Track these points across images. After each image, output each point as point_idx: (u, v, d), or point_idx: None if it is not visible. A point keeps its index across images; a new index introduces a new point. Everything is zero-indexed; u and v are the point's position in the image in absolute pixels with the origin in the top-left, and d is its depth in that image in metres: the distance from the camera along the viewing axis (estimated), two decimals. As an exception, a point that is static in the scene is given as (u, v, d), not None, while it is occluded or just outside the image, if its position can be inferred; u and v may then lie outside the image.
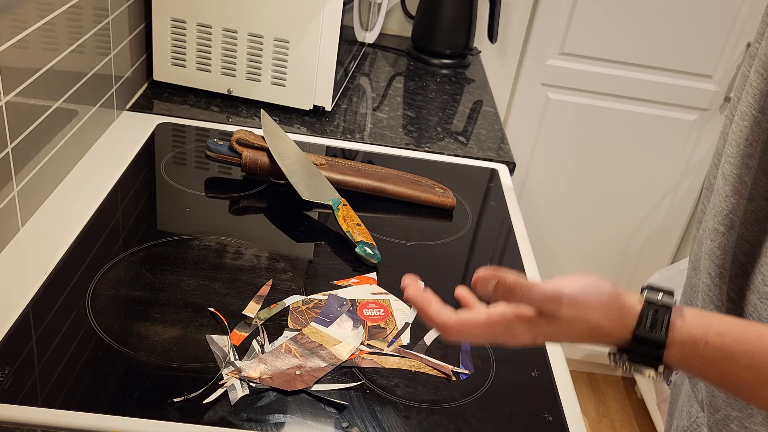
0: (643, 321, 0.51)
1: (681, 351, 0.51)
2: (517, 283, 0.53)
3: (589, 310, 0.52)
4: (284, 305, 0.81)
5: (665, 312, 0.52)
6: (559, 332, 0.53)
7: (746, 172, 0.61)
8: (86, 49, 0.99)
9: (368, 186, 1.04)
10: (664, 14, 1.73)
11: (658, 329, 0.51)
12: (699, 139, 1.90)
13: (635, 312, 0.52)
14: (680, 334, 0.51)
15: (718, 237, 0.63)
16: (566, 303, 0.52)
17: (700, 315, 0.52)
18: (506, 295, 0.53)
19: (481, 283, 0.54)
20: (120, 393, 0.67)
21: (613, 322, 0.52)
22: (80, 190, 0.97)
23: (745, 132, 0.60)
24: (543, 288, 0.53)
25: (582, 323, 0.52)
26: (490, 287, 0.54)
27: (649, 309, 0.52)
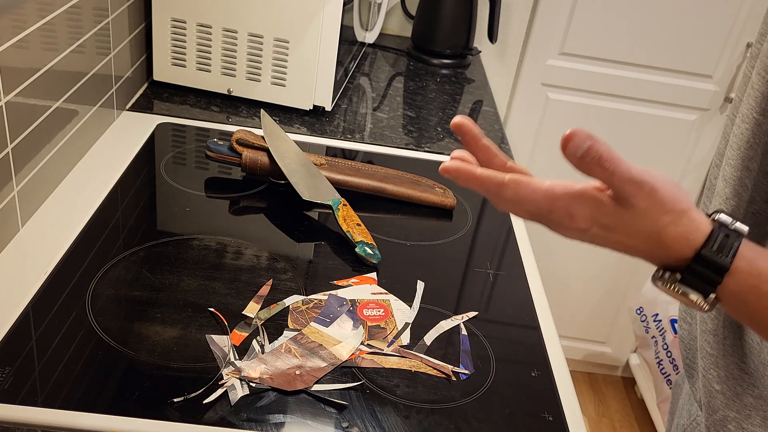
0: (712, 241, 0.48)
1: (741, 282, 0.48)
2: (609, 153, 0.49)
3: (662, 209, 0.49)
4: (284, 305, 0.81)
5: (736, 237, 0.49)
6: (621, 225, 0.49)
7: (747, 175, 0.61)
8: (86, 49, 0.99)
9: (368, 186, 1.04)
10: (664, 14, 1.73)
11: (725, 253, 0.48)
12: (699, 139, 1.90)
13: (705, 230, 0.49)
14: (747, 264, 0.48)
15: None
16: (647, 191, 0.49)
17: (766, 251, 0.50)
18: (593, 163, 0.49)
19: (575, 140, 0.49)
20: (120, 393, 0.67)
21: (679, 234, 0.49)
22: (80, 190, 0.97)
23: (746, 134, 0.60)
24: (630, 168, 0.49)
25: (650, 221, 0.49)
26: (581, 150, 0.49)
27: (720, 231, 0.49)
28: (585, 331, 2.24)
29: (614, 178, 0.49)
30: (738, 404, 0.63)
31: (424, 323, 0.82)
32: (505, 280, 0.93)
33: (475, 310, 0.86)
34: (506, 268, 0.95)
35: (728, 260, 0.48)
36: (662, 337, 1.93)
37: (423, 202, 1.05)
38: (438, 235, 1.00)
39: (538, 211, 0.51)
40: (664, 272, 0.51)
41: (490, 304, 0.88)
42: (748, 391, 0.62)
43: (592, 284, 2.14)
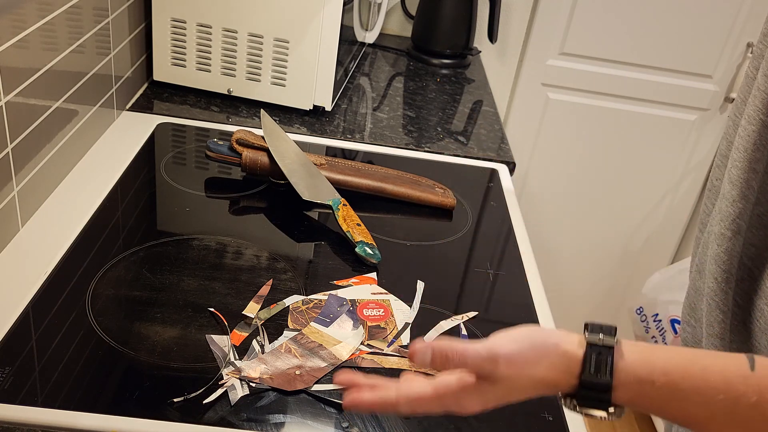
0: (587, 366, 0.50)
1: (628, 392, 0.50)
2: (452, 349, 0.52)
3: (529, 364, 0.51)
4: (284, 305, 0.81)
5: (608, 353, 0.50)
6: (505, 393, 0.52)
7: (753, 177, 0.61)
8: (86, 49, 0.99)
9: (368, 186, 1.04)
10: (664, 14, 1.73)
11: (602, 373, 0.50)
12: (699, 139, 1.90)
13: (578, 357, 0.51)
14: (625, 376, 0.50)
15: (725, 242, 0.63)
16: (503, 363, 0.51)
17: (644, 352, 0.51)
18: (444, 363, 0.53)
19: (417, 355, 0.54)
20: (120, 393, 0.67)
21: (558, 372, 0.51)
22: (80, 190, 0.97)
23: (753, 136, 0.60)
24: (477, 350, 0.52)
25: (525, 379, 0.51)
26: (427, 358, 0.53)
27: (591, 352, 0.51)
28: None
29: (468, 366, 0.52)
30: None
31: (424, 323, 0.82)
32: (505, 280, 0.93)
33: (475, 310, 0.86)
34: (506, 268, 0.95)
35: (608, 378, 0.50)
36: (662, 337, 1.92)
37: (423, 202, 1.05)
38: (438, 235, 1.00)
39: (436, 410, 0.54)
40: (565, 399, 0.53)
41: (490, 304, 0.88)
42: None
43: (592, 284, 2.14)
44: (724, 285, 0.63)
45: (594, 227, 2.04)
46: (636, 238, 2.06)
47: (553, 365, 0.51)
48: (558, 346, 0.52)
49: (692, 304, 0.72)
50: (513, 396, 0.53)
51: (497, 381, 0.52)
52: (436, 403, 0.54)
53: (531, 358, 0.51)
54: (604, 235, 2.05)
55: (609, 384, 0.50)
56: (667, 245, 2.08)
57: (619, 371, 0.50)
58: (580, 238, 2.06)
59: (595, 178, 1.96)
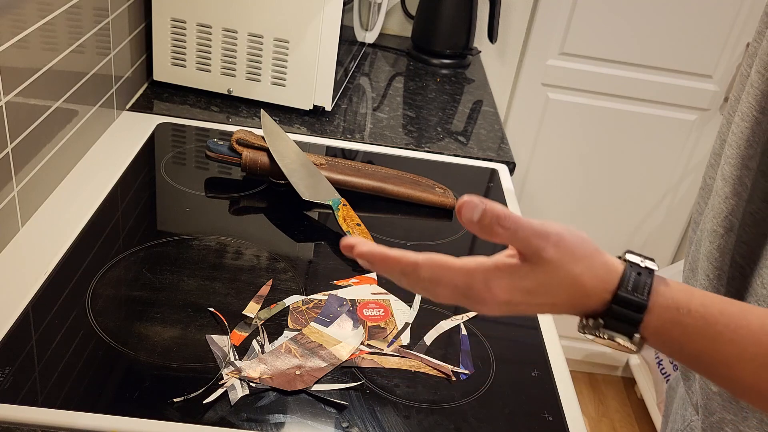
0: (626, 281, 0.48)
1: (662, 317, 0.48)
2: (505, 212, 0.48)
3: (573, 258, 0.49)
4: (284, 305, 0.81)
5: (648, 275, 0.49)
6: (539, 285, 0.49)
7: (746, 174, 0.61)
8: (86, 49, 0.99)
9: (368, 186, 1.04)
10: (664, 14, 1.73)
11: (640, 291, 0.48)
12: (699, 139, 1.90)
13: (618, 271, 0.49)
14: (663, 299, 0.48)
15: (717, 239, 0.63)
16: (553, 242, 0.48)
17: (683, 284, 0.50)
18: (492, 225, 0.48)
19: (466, 208, 0.48)
20: (120, 393, 0.67)
21: (595, 278, 0.49)
22: (80, 190, 0.97)
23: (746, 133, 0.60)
24: (531, 223, 0.48)
25: (564, 272, 0.48)
26: (477, 214, 0.48)
27: (631, 270, 0.49)
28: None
29: (518, 235, 0.48)
30: (735, 407, 0.63)
31: (424, 323, 0.82)
32: (505, 280, 0.93)
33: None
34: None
35: (645, 298, 0.48)
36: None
37: (423, 202, 1.05)
38: (438, 235, 1.00)
39: (456, 289, 0.50)
40: (587, 320, 0.50)
41: (490, 304, 0.88)
42: None
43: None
44: (716, 282, 0.63)
45: (594, 227, 2.04)
46: (636, 238, 2.06)
47: (593, 268, 0.49)
48: (601, 254, 0.50)
49: None
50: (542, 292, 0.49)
51: (538, 263, 0.49)
52: (462, 277, 0.49)
53: (577, 249, 0.49)
54: (604, 235, 2.05)
55: (644, 304, 0.48)
56: (667, 245, 2.08)
57: (657, 293, 0.48)
58: (580, 238, 2.05)
59: (595, 178, 1.96)
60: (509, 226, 0.48)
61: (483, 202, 0.48)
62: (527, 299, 0.50)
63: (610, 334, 0.49)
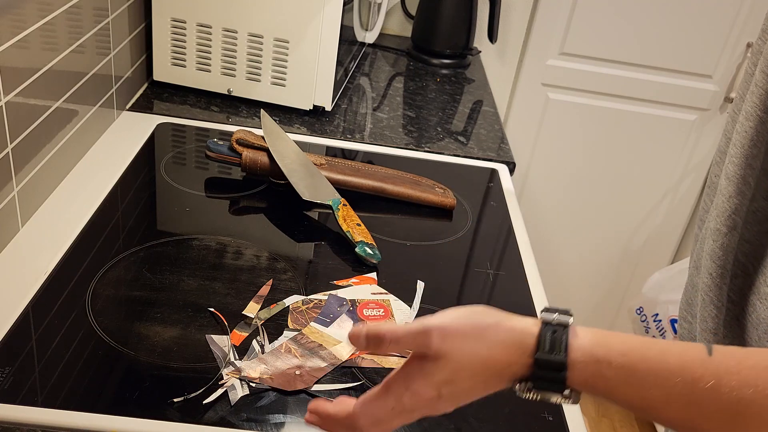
0: (542, 343, 0.49)
1: (584, 372, 0.49)
2: (385, 329, 0.51)
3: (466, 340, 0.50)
4: (284, 305, 0.81)
5: (562, 331, 0.49)
6: (451, 373, 0.50)
7: (750, 173, 0.61)
8: (86, 49, 0.99)
9: (368, 186, 1.04)
10: (664, 14, 1.73)
11: (557, 351, 0.49)
12: (699, 139, 1.90)
13: (533, 333, 0.50)
14: (581, 355, 0.49)
15: (720, 237, 0.63)
16: (436, 335, 0.50)
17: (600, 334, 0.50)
18: (378, 344, 0.52)
19: (353, 339, 0.53)
20: (120, 393, 0.67)
21: (508, 348, 0.50)
22: (80, 190, 0.97)
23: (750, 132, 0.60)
24: (409, 327, 0.51)
25: (467, 356, 0.49)
26: (362, 341, 0.52)
27: (546, 330, 0.49)
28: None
29: (402, 343, 0.51)
30: None
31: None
32: (505, 280, 0.93)
33: (475, 310, 0.86)
34: (506, 268, 0.95)
35: (563, 356, 0.49)
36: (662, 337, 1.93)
37: (423, 202, 1.05)
38: (438, 235, 1.00)
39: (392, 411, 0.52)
40: (519, 384, 0.51)
41: (490, 304, 0.88)
42: None
43: (592, 284, 2.14)
44: (718, 280, 0.63)
45: (594, 227, 2.04)
46: (636, 238, 2.06)
47: (501, 343, 0.50)
48: (504, 320, 0.51)
49: (689, 300, 0.72)
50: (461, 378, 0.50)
51: (437, 357, 0.50)
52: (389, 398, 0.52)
53: (469, 332, 0.50)
54: (604, 235, 2.05)
55: (564, 362, 0.48)
56: (667, 245, 2.08)
57: (574, 350, 0.49)
58: (580, 238, 2.06)
59: (595, 178, 1.96)
60: (390, 338, 0.51)
61: (364, 327, 0.52)
62: (453, 389, 0.51)
63: (542, 394, 0.50)
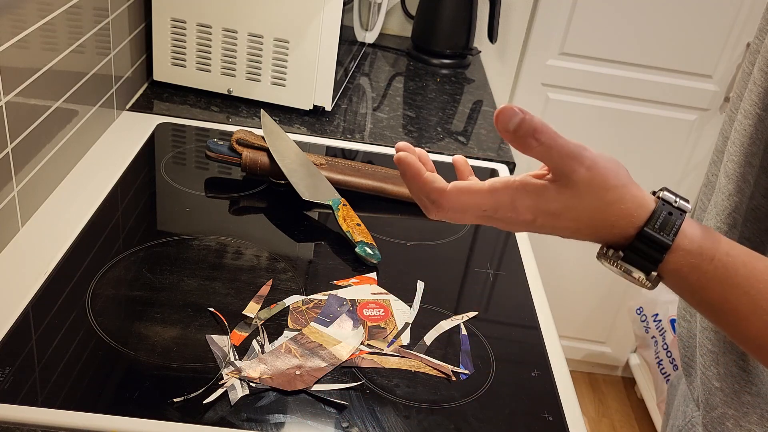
0: (654, 219, 0.47)
1: (682, 260, 0.47)
2: (544, 127, 0.47)
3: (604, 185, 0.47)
4: (284, 305, 0.81)
5: (679, 215, 0.48)
6: (565, 209, 0.48)
7: (749, 171, 0.61)
8: (86, 49, 0.99)
9: (368, 186, 1.04)
10: (664, 14, 1.73)
11: (666, 231, 0.47)
12: (699, 139, 1.90)
13: (648, 207, 0.48)
14: (689, 242, 0.47)
15: None
16: (586, 165, 0.47)
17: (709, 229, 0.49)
18: (527, 137, 0.47)
19: (504, 116, 0.47)
20: (120, 393, 0.67)
21: (623, 210, 0.48)
22: (80, 190, 0.97)
23: (749, 130, 0.60)
24: (567, 142, 0.47)
25: (593, 198, 0.47)
26: (514, 122, 0.47)
27: (663, 209, 0.48)
28: (585, 331, 2.24)
29: (552, 153, 0.47)
30: (736, 402, 0.63)
31: (424, 323, 0.82)
32: (505, 280, 0.93)
33: (475, 310, 0.86)
34: (506, 268, 0.95)
35: (670, 238, 0.47)
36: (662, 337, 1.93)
37: (423, 202, 1.05)
38: (438, 235, 1.00)
39: (482, 212, 0.50)
40: (607, 249, 0.50)
41: (490, 304, 0.88)
42: (746, 388, 0.62)
43: (592, 284, 2.14)
44: None
45: (594, 227, 2.04)
46: (636, 238, 2.06)
47: (622, 200, 0.48)
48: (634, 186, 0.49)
49: None
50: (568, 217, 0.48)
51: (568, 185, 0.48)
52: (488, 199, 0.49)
53: (610, 177, 0.47)
54: (604, 235, 2.05)
55: (668, 244, 0.47)
56: (667, 245, 2.08)
57: (685, 235, 0.47)
58: (580, 238, 2.06)
59: (595, 178, 1.95)
60: (544, 141, 0.47)
61: (522, 111, 0.47)
62: (551, 222, 0.49)
63: (627, 268, 0.49)
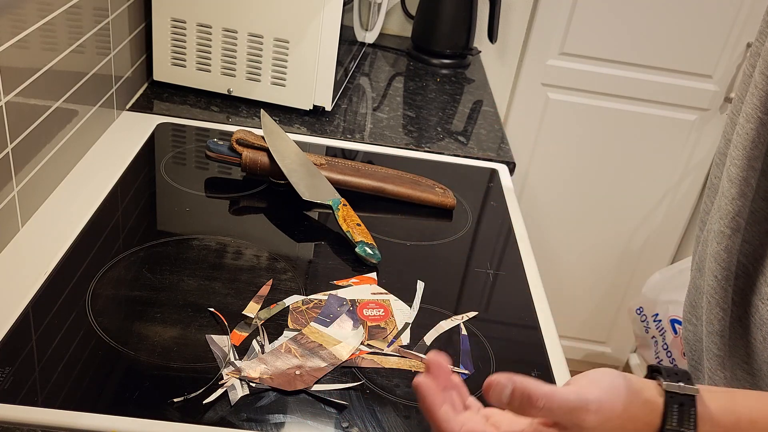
0: (669, 418, 0.47)
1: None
2: (538, 391, 0.46)
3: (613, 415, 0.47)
4: (284, 305, 0.81)
5: (690, 403, 0.48)
6: None
7: (752, 175, 0.61)
8: (86, 49, 0.99)
9: (368, 186, 1.04)
10: (664, 14, 1.73)
11: (686, 425, 0.47)
12: (699, 139, 1.90)
13: (658, 409, 0.48)
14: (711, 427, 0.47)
15: (724, 240, 0.63)
16: (593, 409, 0.46)
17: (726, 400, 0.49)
18: (524, 405, 0.46)
19: (494, 389, 0.47)
20: (120, 393, 0.67)
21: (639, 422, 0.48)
22: (80, 190, 0.97)
23: (751, 134, 0.60)
24: (567, 397, 0.46)
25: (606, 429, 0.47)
26: (506, 395, 0.46)
27: (672, 402, 0.48)
28: (585, 331, 2.24)
29: (555, 412, 0.46)
30: None
31: (424, 323, 0.82)
32: (505, 280, 0.93)
33: (475, 310, 0.86)
34: (506, 268, 0.95)
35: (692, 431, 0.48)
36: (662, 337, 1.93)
37: (423, 202, 1.05)
38: (438, 235, 1.00)
39: None
40: None
41: (490, 304, 0.88)
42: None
43: (592, 284, 2.14)
44: (723, 282, 0.63)
45: (594, 227, 2.04)
46: (636, 238, 2.06)
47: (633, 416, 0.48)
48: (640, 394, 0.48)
49: (693, 302, 0.72)
50: None
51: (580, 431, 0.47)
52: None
53: (616, 406, 0.47)
54: (604, 234, 2.05)
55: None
56: (667, 245, 2.08)
57: (704, 422, 0.47)
58: (580, 237, 2.06)
59: (595, 178, 1.96)
60: (543, 405, 0.46)
61: (511, 380, 0.46)
62: None
63: None
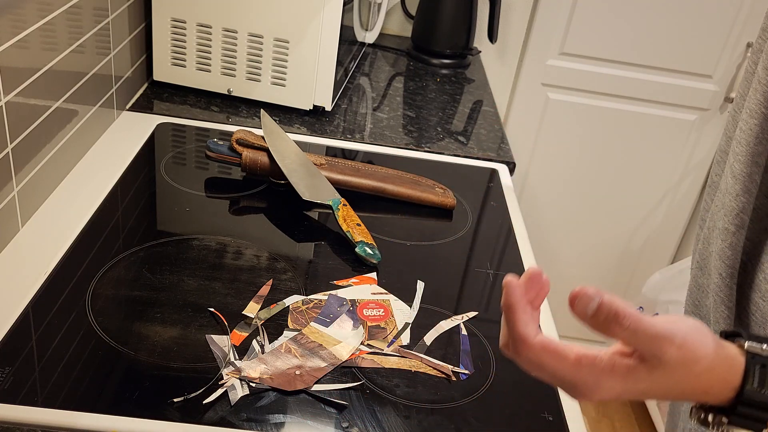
0: (750, 378, 0.44)
1: None
2: (627, 310, 0.44)
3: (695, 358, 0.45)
4: (284, 305, 0.81)
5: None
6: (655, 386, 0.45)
7: (756, 170, 0.60)
8: (86, 49, 0.99)
9: (368, 186, 1.04)
10: (664, 14, 1.73)
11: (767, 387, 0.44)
12: (699, 139, 1.90)
13: (739, 366, 0.45)
14: None
15: (729, 237, 0.62)
16: (678, 343, 0.44)
17: None
18: (610, 321, 0.44)
19: (581, 299, 0.46)
20: (120, 393, 0.67)
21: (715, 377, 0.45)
22: (80, 190, 0.97)
23: (755, 129, 0.60)
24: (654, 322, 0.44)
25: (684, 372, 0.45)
26: (592, 307, 0.45)
27: (754, 363, 0.45)
28: (585, 331, 2.23)
29: (639, 336, 0.44)
30: None
31: (424, 323, 0.82)
32: (505, 280, 0.93)
33: (475, 310, 0.86)
34: (506, 268, 0.95)
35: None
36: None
37: (423, 202, 1.05)
38: (438, 235, 1.00)
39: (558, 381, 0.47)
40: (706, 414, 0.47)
41: (490, 304, 0.88)
42: None
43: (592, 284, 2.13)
44: (728, 280, 0.63)
45: (594, 227, 2.04)
46: (636, 238, 2.06)
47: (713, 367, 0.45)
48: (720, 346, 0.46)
49: (695, 301, 0.72)
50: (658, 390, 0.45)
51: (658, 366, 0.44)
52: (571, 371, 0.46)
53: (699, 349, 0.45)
54: (604, 234, 2.05)
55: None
56: (667, 245, 2.08)
57: None
58: (580, 237, 2.06)
59: (595, 178, 1.96)
60: (628, 325, 0.44)
61: (599, 294, 0.44)
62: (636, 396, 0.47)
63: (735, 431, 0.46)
